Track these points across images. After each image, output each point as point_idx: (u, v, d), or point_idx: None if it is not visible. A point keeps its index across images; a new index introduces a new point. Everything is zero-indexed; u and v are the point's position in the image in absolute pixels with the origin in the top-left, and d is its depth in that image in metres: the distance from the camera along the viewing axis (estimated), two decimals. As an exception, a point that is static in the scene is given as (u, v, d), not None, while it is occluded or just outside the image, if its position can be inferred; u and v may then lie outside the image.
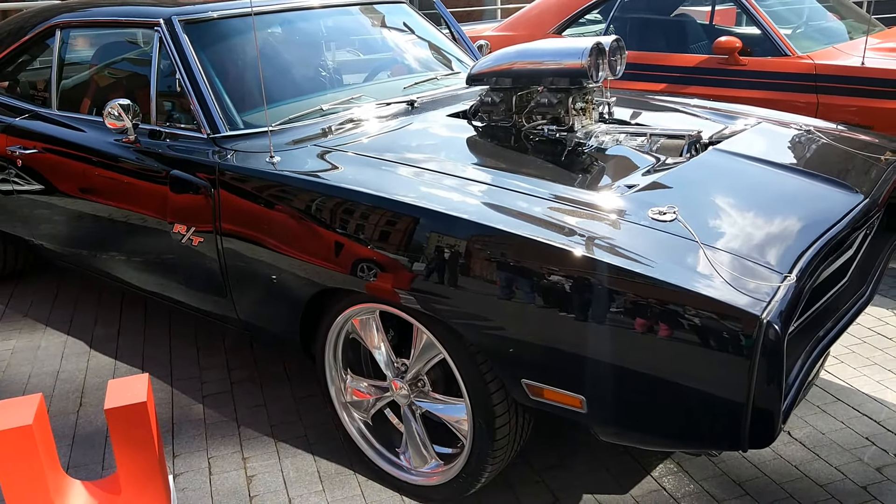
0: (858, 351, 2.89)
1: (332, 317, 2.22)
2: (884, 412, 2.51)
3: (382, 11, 3.39)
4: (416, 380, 2.15)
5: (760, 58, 4.06)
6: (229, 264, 2.38)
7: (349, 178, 2.17)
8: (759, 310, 1.53)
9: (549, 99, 2.46)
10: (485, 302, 1.83)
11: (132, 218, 2.70)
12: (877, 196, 2.14)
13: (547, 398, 1.83)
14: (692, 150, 2.32)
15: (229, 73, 2.66)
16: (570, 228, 1.81)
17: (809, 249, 1.77)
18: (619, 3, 4.71)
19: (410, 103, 2.75)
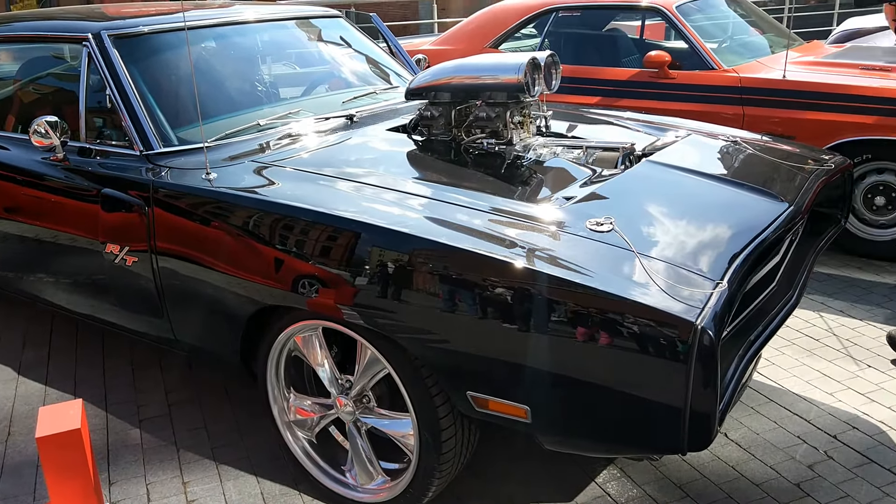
0: (788, 353, 3.00)
1: (274, 335, 2.19)
2: (813, 411, 2.61)
3: (319, 25, 3.38)
4: (361, 396, 2.13)
5: (689, 71, 4.20)
6: (165, 284, 2.32)
7: (288, 193, 2.15)
8: (693, 316, 1.58)
9: (487, 113, 2.49)
10: (428, 315, 1.84)
11: (61, 238, 2.61)
12: (801, 203, 2.23)
13: (492, 409, 1.84)
14: (626, 161, 2.38)
15: (162, 89, 2.61)
16: (510, 240, 1.83)
17: (739, 256, 1.84)
18: (554, 18, 4.81)
19: (349, 118, 2.75)
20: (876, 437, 2.45)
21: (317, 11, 3.45)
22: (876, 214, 3.81)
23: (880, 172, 3.74)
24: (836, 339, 3.09)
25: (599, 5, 4.95)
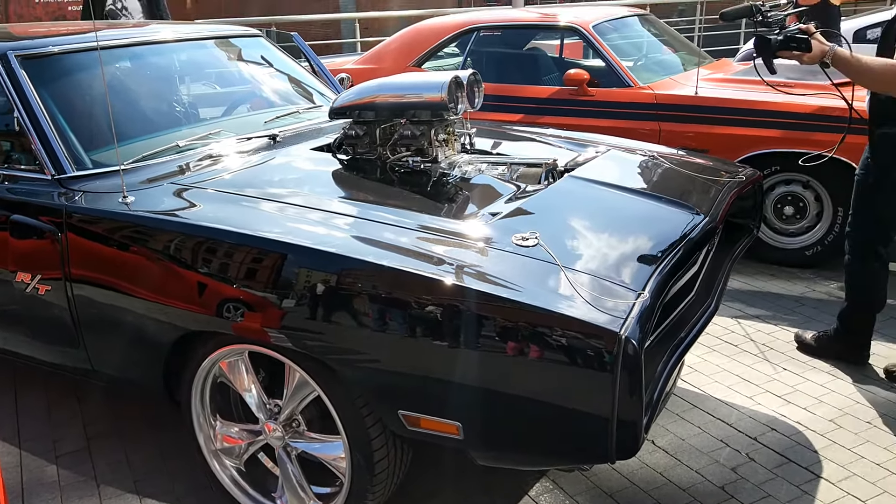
0: (709, 359, 3.10)
1: (198, 361, 2.13)
2: (734, 415, 2.70)
3: (238, 45, 3.34)
4: (291, 420, 2.09)
5: (606, 89, 4.32)
6: (81, 313, 2.23)
7: (210, 215, 2.10)
8: (617, 326, 1.61)
9: (412, 131, 2.50)
10: (358, 336, 1.82)
11: (-33, 268, 2.48)
12: (715, 214, 2.32)
13: (424, 427, 1.84)
14: (549, 177, 2.42)
15: (75, 111, 2.52)
16: (438, 258, 1.84)
17: (659, 267, 1.90)
18: (475, 37, 4.88)
19: (272, 137, 2.71)
20: (793, 438, 2.55)
21: (236, 31, 3.41)
22: (785, 224, 3.99)
23: (788, 183, 3.92)
24: (753, 344, 3.21)
25: (519, 25, 5.06)
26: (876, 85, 2.55)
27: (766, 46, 2.52)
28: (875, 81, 2.53)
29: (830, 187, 3.81)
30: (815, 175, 3.81)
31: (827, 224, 3.86)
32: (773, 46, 2.51)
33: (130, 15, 4.98)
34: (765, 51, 2.53)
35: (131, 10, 5.00)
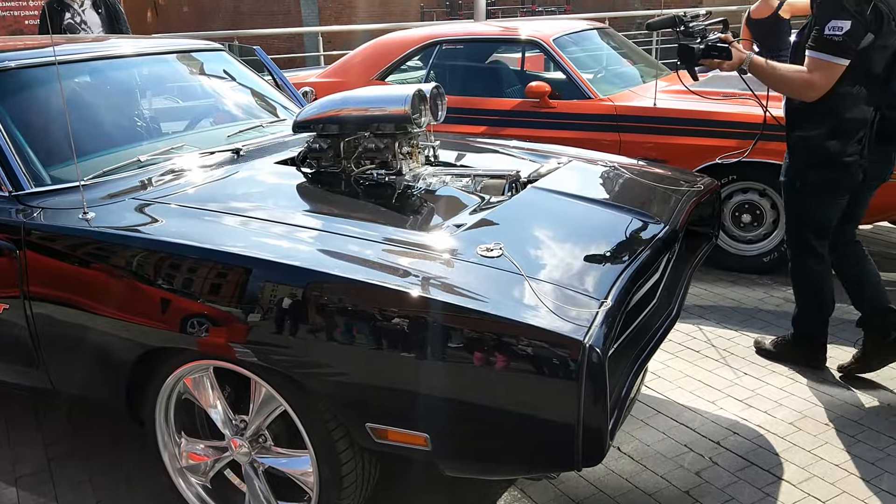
0: (672, 365, 3.15)
1: (162, 378, 2.11)
2: (697, 420, 2.74)
3: (201, 59, 3.32)
4: (257, 435, 2.08)
5: (567, 101, 4.39)
6: (41, 331, 2.19)
7: (173, 231, 2.09)
8: (581, 335, 1.64)
9: (376, 144, 2.51)
10: (324, 349, 1.82)
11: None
12: (675, 223, 2.37)
13: (392, 440, 1.84)
14: (513, 188, 2.45)
15: (33, 126, 2.48)
16: (403, 270, 1.85)
17: (622, 275, 1.93)
18: (438, 50, 4.92)
19: (236, 151, 2.70)
20: (755, 441, 2.60)
21: (198, 45, 3.39)
22: (743, 231, 4.08)
23: (745, 192, 4.02)
24: (714, 349, 3.27)
25: (481, 38, 5.12)
26: (787, 89, 2.68)
27: (690, 55, 2.65)
28: (786, 86, 2.66)
29: (786, 195, 3.90)
30: (770, 183, 3.91)
31: (783, 231, 3.95)
32: (696, 55, 2.64)
33: (90, 29, 4.92)
34: (688, 59, 2.66)
35: (91, 25, 4.94)
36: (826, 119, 2.64)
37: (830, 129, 2.64)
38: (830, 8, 2.52)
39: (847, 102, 2.61)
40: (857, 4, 2.48)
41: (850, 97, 2.61)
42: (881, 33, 2.53)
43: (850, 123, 2.63)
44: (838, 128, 2.63)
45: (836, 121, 2.63)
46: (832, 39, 2.51)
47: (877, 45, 2.55)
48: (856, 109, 2.62)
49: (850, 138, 2.65)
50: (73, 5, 4.93)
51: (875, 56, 2.57)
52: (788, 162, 2.87)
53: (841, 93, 2.59)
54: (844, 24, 2.49)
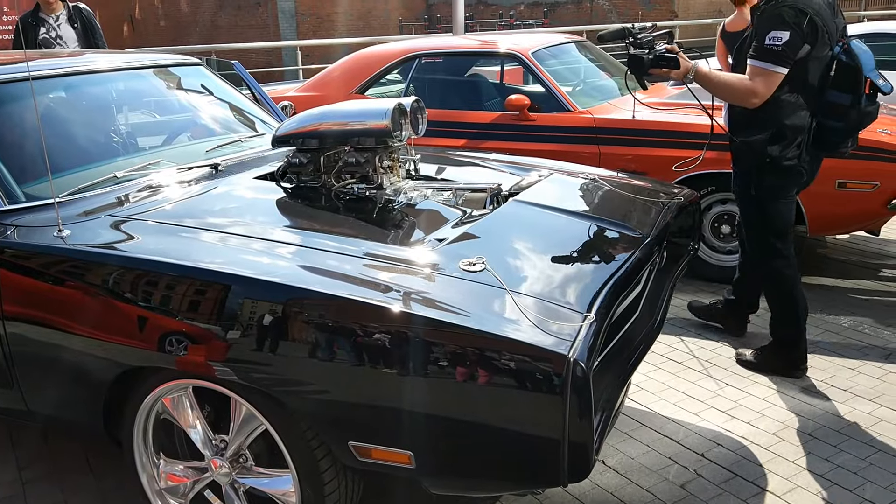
0: (655, 377, 3.15)
1: (140, 398, 2.07)
2: (681, 431, 2.74)
3: (178, 74, 3.29)
4: (238, 455, 2.04)
5: (547, 113, 4.40)
6: (15, 351, 2.14)
7: (150, 248, 2.06)
8: (565, 349, 1.63)
9: (356, 158, 2.50)
10: (305, 366, 1.80)
11: None
12: (656, 234, 2.37)
13: (375, 458, 1.81)
14: (494, 202, 2.44)
15: (6, 143, 2.44)
16: (385, 285, 1.83)
17: (604, 288, 1.93)
18: (417, 64, 4.92)
19: (214, 167, 2.67)
20: (739, 452, 2.61)
21: (175, 59, 3.36)
22: (723, 242, 4.11)
23: (724, 203, 4.05)
24: (696, 361, 3.28)
25: (460, 52, 5.13)
26: (731, 97, 2.81)
27: (640, 65, 2.75)
28: (730, 93, 2.79)
29: (764, 206, 3.94)
30: (749, 194, 3.94)
31: (762, 242, 3.99)
32: (645, 64, 2.74)
33: (65, 44, 4.87)
34: (638, 69, 2.76)
35: (66, 40, 4.88)
36: (767, 125, 2.77)
37: (772, 135, 2.78)
38: (770, 20, 2.68)
39: (786, 110, 2.76)
40: (795, 17, 2.64)
41: (789, 105, 2.76)
42: (816, 45, 2.70)
43: (789, 130, 2.77)
44: (779, 133, 2.77)
45: (776, 127, 2.77)
46: (772, 49, 2.66)
47: (812, 55, 2.71)
48: (794, 116, 2.77)
49: (789, 143, 2.79)
50: (49, 20, 4.87)
51: (811, 66, 2.73)
52: (737, 170, 3.02)
53: (781, 101, 2.74)
54: (784, 34, 2.64)
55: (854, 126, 2.79)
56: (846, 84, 2.73)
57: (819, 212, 3.82)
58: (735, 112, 2.89)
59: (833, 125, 2.78)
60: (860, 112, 2.74)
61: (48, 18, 4.87)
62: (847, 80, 2.72)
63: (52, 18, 4.88)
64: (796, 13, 2.65)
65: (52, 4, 4.84)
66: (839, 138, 2.82)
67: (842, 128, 2.78)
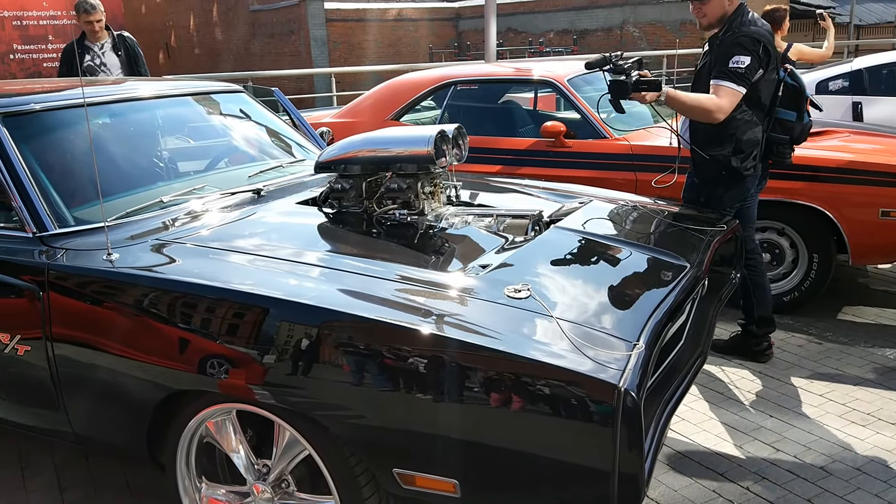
0: (696, 407, 3.09)
1: (184, 421, 2.07)
2: (724, 464, 2.68)
3: (221, 101, 3.35)
4: (280, 481, 2.04)
5: (583, 140, 4.40)
6: (62, 373, 2.17)
7: (195, 271, 2.08)
8: (615, 378, 1.61)
9: (398, 184, 2.51)
10: (348, 391, 1.79)
11: (-59, 329, 2.40)
12: (701, 263, 2.35)
13: (419, 486, 1.80)
14: (536, 228, 2.44)
15: (56, 168, 2.50)
16: (429, 311, 1.83)
17: (653, 316, 1.90)
18: (452, 91, 4.95)
19: (256, 192, 2.70)
20: (785, 486, 2.54)
21: (218, 87, 3.42)
22: (762, 270, 4.04)
23: (764, 231, 3.99)
24: (738, 391, 3.22)
25: (495, 79, 5.16)
26: (699, 114, 3.08)
27: (622, 89, 2.99)
28: (698, 110, 3.06)
29: (805, 234, 3.88)
30: (789, 222, 3.89)
31: (803, 270, 3.93)
32: (628, 89, 2.97)
33: (109, 71, 4.98)
34: (620, 93, 3.01)
35: (110, 67, 4.99)
36: (727, 141, 3.13)
37: (732, 149, 3.13)
38: (731, 46, 3.04)
39: (743, 127, 3.11)
40: (752, 44, 3.01)
41: (745, 123, 3.12)
42: (769, 69, 3.09)
43: (745, 144, 3.13)
44: (738, 147, 3.13)
45: (735, 142, 3.12)
46: (736, 70, 3.01)
47: (765, 79, 3.09)
48: (750, 132, 3.13)
49: (747, 156, 3.15)
50: (94, 48, 4.99)
51: (763, 88, 3.11)
52: (695, 179, 3.33)
53: (738, 119, 3.09)
54: (745, 59, 3.00)
55: (797, 139, 3.23)
56: (792, 103, 3.18)
57: (862, 241, 3.75)
58: (698, 130, 3.22)
59: (780, 138, 3.22)
60: (803, 127, 3.21)
61: (93, 46, 4.99)
62: (793, 99, 3.18)
63: (97, 46, 5.00)
64: (753, 41, 3.01)
65: (98, 33, 4.95)
66: (785, 150, 3.26)
67: (788, 140, 3.22)
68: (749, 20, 3.10)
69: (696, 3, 3.14)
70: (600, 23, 20.58)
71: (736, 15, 3.11)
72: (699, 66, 3.26)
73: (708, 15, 3.14)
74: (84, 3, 4.88)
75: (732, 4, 3.12)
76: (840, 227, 3.74)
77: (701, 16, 3.17)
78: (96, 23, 4.92)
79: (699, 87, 3.18)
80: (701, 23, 3.22)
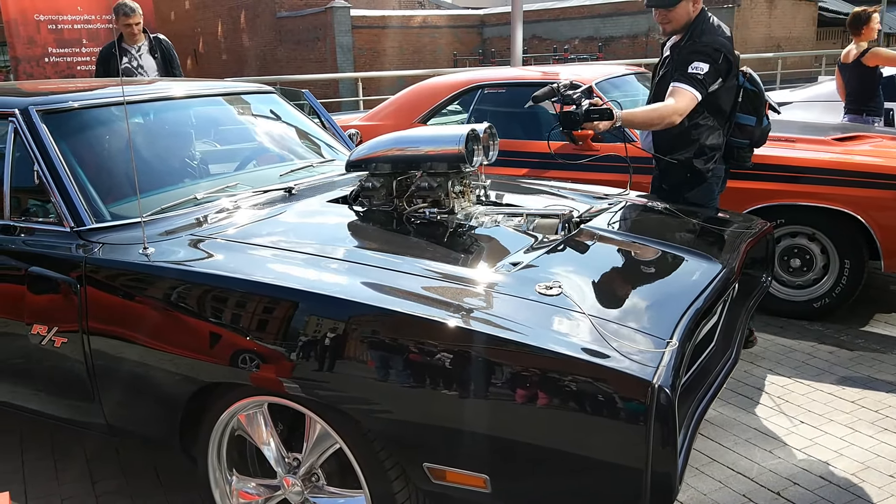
0: (724, 411, 3.06)
1: (216, 414, 2.10)
2: (755, 469, 2.65)
3: (253, 101, 3.39)
4: (310, 474, 2.05)
5: (611, 143, 4.38)
6: (98, 366, 2.20)
7: (228, 266, 2.10)
8: (649, 375, 1.60)
9: (429, 183, 2.52)
10: (378, 384, 1.80)
11: (-19, 321, 2.46)
12: (733, 264, 2.33)
13: (450, 480, 1.80)
14: (566, 228, 2.44)
15: (94, 164, 2.54)
16: (458, 305, 1.83)
17: (685, 315, 1.89)
18: (480, 94, 4.97)
19: (288, 190, 2.73)
20: (817, 493, 2.51)
21: (250, 87, 3.47)
22: (793, 276, 4.00)
23: (794, 236, 3.95)
24: (768, 396, 3.18)
25: (522, 82, 5.15)
26: (658, 121, 3.09)
27: (573, 120, 2.96)
28: (657, 118, 3.09)
29: (836, 239, 3.84)
30: (820, 227, 3.85)
31: (834, 276, 3.88)
32: (579, 120, 2.95)
33: (146, 73, 5.05)
34: (571, 124, 2.98)
35: (146, 69, 5.06)
36: (690, 146, 3.21)
37: (695, 153, 3.20)
38: (691, 54, 3.09)
39: (705, 132, 3.19)
40: (713, 53, 3.07)
41: (707, 128, 3.20)
42: (728, 77, 3.15)
43: (708, 149, 3.22)
44: (700, 151, 3.21)
45: (698, 146, 3.20)
46: (695, 76, 3.06)
47: (725, 86, 3.16)
48: (712, 137, 3.21)
49: (710, 159, 3.23)
50: (131, 50, 5.07)
51: (723, 95, 3.17)
52: (661, 185, 3.38)
53: (700, 125, 3.18)
54: (704, 66, 3.05)
55: (757, 142, 3.30)
56: (752, 107, 3.24)
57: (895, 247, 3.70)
58: (661, 138, 3.27)
59: (741, 142, 3.29)
60: (762, 130, 3.28)
61: (130, 49, 5.07)
62: (753, 104, 3.24)
63: (134, 49, 5.08)
64: (713, 50, 3.07)
65: (136, 35, 5.03)
66: (745, 153, 3.33)
67: (748, 144, 3.30)
68: (709, 27, 3.13)
69: (663, 10, 3.16)
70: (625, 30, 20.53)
71: (698, 21, 3.14)
72: (660, 74, 3.30)
73: (673, 21, 3.17)
74: (123, 6, 4.96)
75: (696, 9, 3.15)
76: (873, 232, 3.69)
77: (666, 22, 3.19)
78: (135, 25, 5.00)
79: (660, 96, 3.20)
80: (665, 29, 3.24)
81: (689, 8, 3.13)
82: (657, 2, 3.17)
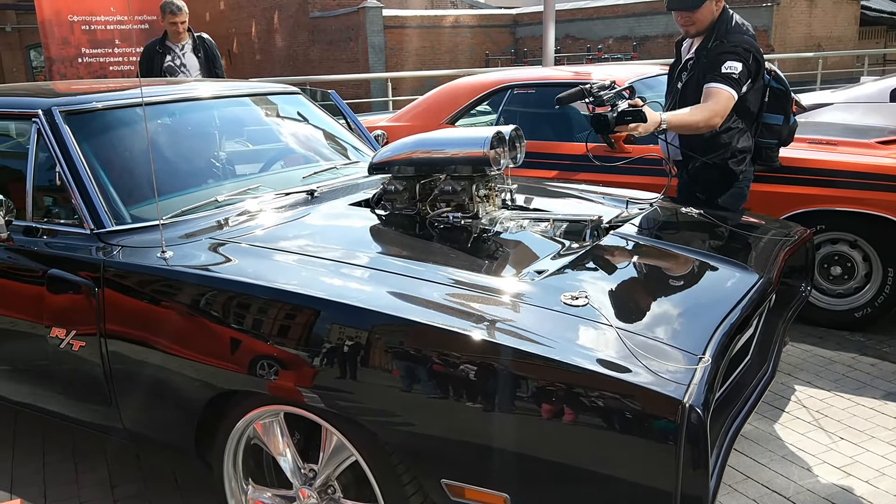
0: (760, 426, 2.95)
1: (232, 422, 2.05)
2: (791, 487, 2.54)
3: (278, 102, 3.35)
4: (326, 486, 1.99)
5: (643, 146, 4.27)
6: (115, 369, 2.17)
7: (248, 271, 2.06)
8: (680, 394, 1.52)
9: (452, 186, 2.46)
10: (397, 396, 1.74)
11: (1, 322, 2.45)
12: (770, 274, 2.22)
13: (468, 498, 1.73)
14: (594, 234, 2.35)
15: (115, 166, 2.52)
16: (481, 316, 1.76)
17: (719, 329, 1.80)
18: (509, 95, 4.88)
19: (310, 193, 2.68)
20: (857, 513, 2.39)
21: (275, 88, 3.43)
22: (833, 284, 3.85)
23: (834, 243, 3.81)
24: (806, 411, 3.06)
25: (552, 83, 5.06)
26: (703, 125, 2.98)
27: (605, 123, 2.79)
28: (701, 120, 2.97)
29: (879, 247, 3.68)
30: (863, 234, 3.70)
31: (877, 285, 3.72)
32: (610, 123, 2.78)
33: (188, 72, 5.06)
34: (603, 128, 2.81)
35: (189, 68, 5.07)
36: (721, 148, 3.15)
37: (730, 154, 3.16)
38: (722, 54, 3.01)
39: (736, 135, 3.15)
40: (744, 52, 3.01)
41: (738, 131, 3.15)
42: (757, 78, 3.11)
43: (739, 151, 3.18)
44: (733, 154, 3.16)
45: (730, 149, 3.15)
46: (731, 75, 2.97)
47: (753, 88, 3.10)
48: (742, 140, 3.17)
49: (743, 160, 3.20)
50: (175, 49, 5.08)
51: (751, 97, 3.13)
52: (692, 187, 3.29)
53: (731, 128, 3.13)
54: (738, 65, 2.98)
55: (785, 141, 3.27)
56: (779, 106, 3.20)
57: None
58: (700, 138, 3.13)
59: (769, 142, 3.25)
60: (790, 129, 3.24)
61: (174, 47, 5.08)
62: (780, 102, 3.20)
63: (178, 47, 5.09)
64: (744, 51, 3.01)
65: (181, 34, 5.05)
66: (773, 153, 3.29)
67: (776, 143, 3.26)
68: (735, 27, 3.07)
69: (686, 12, 3.06)
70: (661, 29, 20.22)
71: (722, 21, 3.07)
72: (684, 80, 3.20)
73: (697, 23, 3.07)
74: (170, 4, 4.97)
75: (719, 7, 3.07)
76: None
77: (689, 24, 3.09)
78: (181, 24, 5.01)
79: (686, 102, 3.11)
80: (688, 31, 3.14)
81: (713, 7, 3.05)
82: (680, 4, 3.07)
